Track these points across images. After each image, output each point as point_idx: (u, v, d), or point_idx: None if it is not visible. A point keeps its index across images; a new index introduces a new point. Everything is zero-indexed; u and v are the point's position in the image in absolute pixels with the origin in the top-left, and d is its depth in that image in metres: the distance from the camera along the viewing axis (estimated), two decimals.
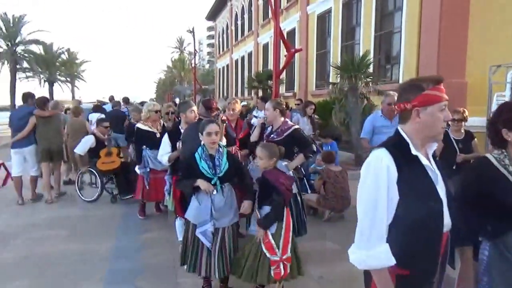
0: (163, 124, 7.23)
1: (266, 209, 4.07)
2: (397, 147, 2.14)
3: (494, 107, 8.02)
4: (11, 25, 33.40)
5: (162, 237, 6.39)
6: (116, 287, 4.79)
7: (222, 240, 4.18)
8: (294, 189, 4.91)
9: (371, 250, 2.05)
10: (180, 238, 5.49)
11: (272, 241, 4.01)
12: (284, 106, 5.46)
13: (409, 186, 2.07)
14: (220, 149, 4.25)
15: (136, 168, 7.21)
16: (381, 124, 6.33)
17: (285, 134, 5.16)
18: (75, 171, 9.77)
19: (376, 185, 2.06)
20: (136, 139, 7.07)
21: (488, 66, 9.37)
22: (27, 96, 8.80)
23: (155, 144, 6.56)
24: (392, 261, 2.04)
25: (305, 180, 7.71)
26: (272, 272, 3.94)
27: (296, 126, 5.34)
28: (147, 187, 6.93)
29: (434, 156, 2.29)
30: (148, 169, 6.90)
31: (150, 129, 6.97)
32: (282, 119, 5.30)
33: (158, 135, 6.85)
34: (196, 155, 4.17)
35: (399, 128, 2.24)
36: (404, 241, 2.07)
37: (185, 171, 4.24)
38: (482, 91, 9.71)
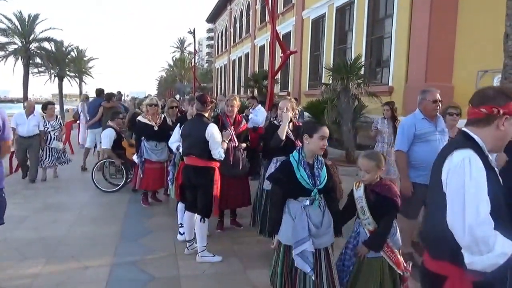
0: (164, 117, 7.29)
1: None
2: (477, 150, 1.95)
3: None
4: (26, 23, 33.39)
5: (165, 223, 6.43)
6: (122, 269, 4.73)
7: (327, 265, 3.27)
8: None
9: (494, 250, 1.81)
10: (181, 221, 5.55)
11: (399, 256, 3.33)
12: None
13: (493, 192, 1.88)
14: (320, 158, 3.42)
15: (134, 157, 7.38)
16: (426, 130, 4.66)
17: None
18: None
19: (478, 191, 1.84)
20: (136, 131, 7.21)
21: (475, 72, 9.18)
22: (100, 91, 11.50)
23: (152, 136, 7.00)
24: None
25: None
26: None
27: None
28: (141, 175, 7.04)
29: None
30: (143, 159, 7.03)
31: (149, 122, 7.07)
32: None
33: (156, 128, 7.05)
34: (292, 160, 3.28)
35: (468, 131, 2.05)
36: None
37: (281, 179, 3.27)
38: (469, 95, 9.47)
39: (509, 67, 5.78)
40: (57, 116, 9.65)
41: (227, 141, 5.17)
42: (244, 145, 5.73)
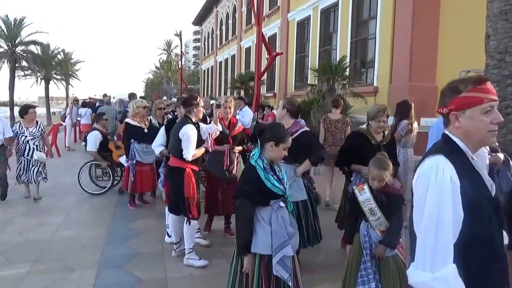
0: (150, 120, 7.25)
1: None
2: (454, 153, 1.77)
3: None
4: (12, 27, 32.97)
5: (152, 225, 6.33)
6: (109, 272, 4.65)
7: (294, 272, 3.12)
8: (304, 195, 4.45)
9: (437, 272, 1.64)
10: (168, 222, 5.34)
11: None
12: (296, 108, 4.63)
13: (471, 199, 1.69)
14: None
15: (122, 159, 7.34)
16: None
17: (292, 137, 4.13)
18: None
19: (439, 200, 1.67)
20: (126, 133, 7.06)
21: (458, 72, 9.24)
22: (131, 95, 13.24)
23: (142, 138, 6.89)
24: (461, 285, 1.64)
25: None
26: None
27: (306, 129, 4.56)
28: (133, 178, 6.93)
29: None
30: (135, 162, 6.93)
31: (138, 125, 6.98)
32: (292, 120, 4.53)
33: (146, 130, 6.97)
34: (258, 168, 3.00)
35: (446, 132, 1.88)
36: (471, 263, 1.70)
37: (252, 192, 2.98)
38: None
39: (491, 67, 5.80)
40: (37, 122, 7.84)
41: (208, 140, 4.95)
42: (239, 148, 5.51)
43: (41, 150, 7.77)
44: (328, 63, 12.43)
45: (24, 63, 34.43)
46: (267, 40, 15.57)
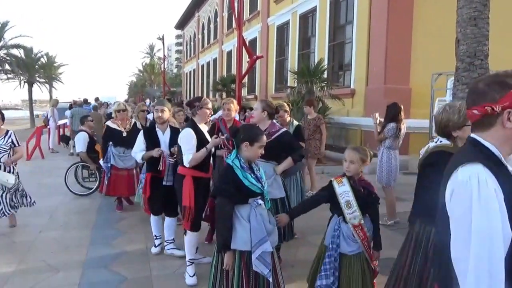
0: (134, 123, 7.01)
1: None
2: (490, 161, 1.48)
3: (435, 111, 7.88)
4: None
5: (137, 224, 6.29)
6: (94, 272, 4.58)
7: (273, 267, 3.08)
8: (282, 193, 4.41)
9: None
10: (155, 233, 5.15)
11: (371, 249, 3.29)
12: (274, 109, 4.65)
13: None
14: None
15: (100, 161, 7.19)
16: None
17: (273, 137, 4.32)
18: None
19: (488, 219, 1.38)
20: (104, 135, 6.91)
21: (431, 74, 9.41)
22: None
23: (120, 142, 6.67)
24: None
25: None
26: None
27: (285, 129, 4.58)
28: (106, 182, 6.76)
29: None
30: (109, 165, 6.73)
31: (118, 128, 6.76)
32: (269, 121, 4.52)
33: (124, 134, 6.72)
34: (235, 168, 3.01)
35: (476, 137, 1.57)
36: None
37: (230, 190, 2.99)
38: (425, 96, 9.79)
39: (461, 70, 5.92)
40: (7, 132, 5.77)
41: (208, 148, 4.35)
42: None
43: (12, 169, 5.80)
44: (306, 66, 12.55)
45: (7, 67, 33.87)
46: (247, 44, 15.56)
